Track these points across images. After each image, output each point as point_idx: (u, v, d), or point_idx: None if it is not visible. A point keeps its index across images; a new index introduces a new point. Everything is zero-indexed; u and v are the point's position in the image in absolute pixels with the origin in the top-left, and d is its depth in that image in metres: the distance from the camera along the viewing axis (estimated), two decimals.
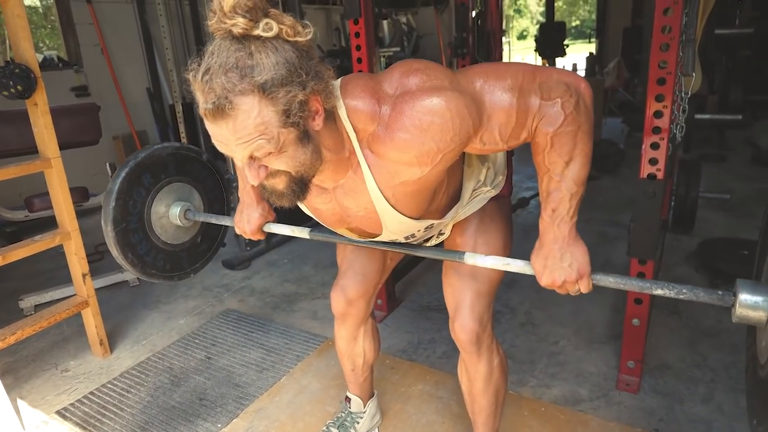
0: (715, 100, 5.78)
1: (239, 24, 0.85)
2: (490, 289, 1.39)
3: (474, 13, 4.12)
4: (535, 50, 8.49)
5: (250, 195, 1.50)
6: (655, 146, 1.75)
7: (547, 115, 1.00)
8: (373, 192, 1.09)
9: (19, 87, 1.99)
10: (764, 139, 5.19)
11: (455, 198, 1.32)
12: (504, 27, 7.64)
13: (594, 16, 11.06)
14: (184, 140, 5.23)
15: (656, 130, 1.74)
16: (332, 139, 1.03)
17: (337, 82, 1.06)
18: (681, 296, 1.03)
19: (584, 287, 1.07)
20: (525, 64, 1.05)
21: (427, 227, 1.28)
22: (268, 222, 1.52)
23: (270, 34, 0.87)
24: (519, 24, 28.48)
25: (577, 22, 27.02)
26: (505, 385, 1.53)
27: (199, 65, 0.90)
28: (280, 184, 1.01)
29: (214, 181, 1.89)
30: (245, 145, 0.92)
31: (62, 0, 4.83)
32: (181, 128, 5.25)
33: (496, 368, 1.45)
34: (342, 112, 1.02)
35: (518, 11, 28.21)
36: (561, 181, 1.04)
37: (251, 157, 0.95)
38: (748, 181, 4.45)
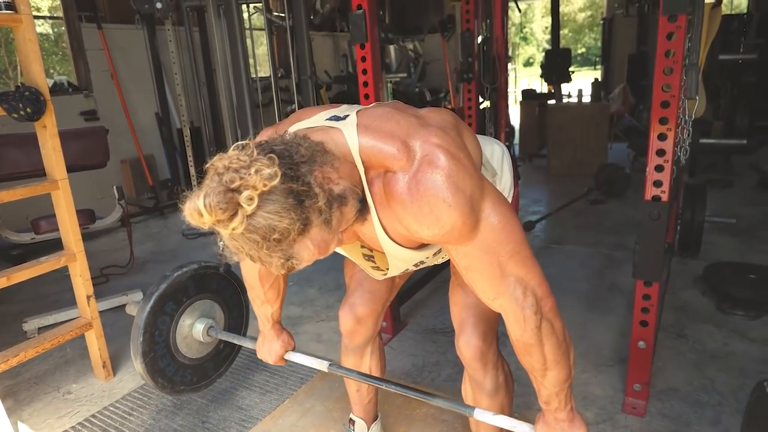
0: (720, 126, 5.79)
1: (234, 226, 0.83)
2: None
3: (480, 39, 4.17)
4: (541, 76, 8.57)
5: (271, 332, 1.63)
6: (659, 168, 1.75)
7: (510, 314, 1.06)
8: (375, 222, 1.09)
9: (28, 109, 2.02)
10: None
11: None
12: (510, 54, 7.72)
13: (599, 44, 11.17)
14: (191, 164, 5.27)
15: (660, 152, 1.74)
16: (345, 169, 1.01)
17: (353, 115, 1.05)
18: None
19: None
20: (528, 250, 1.05)
21: (435, 253, 1.28)
22: (288, 351, 1.65)
23: (254, 204, 0.83)
24: (525, 51, 28.77)
25: (583, 50, 27.29)
26: (510, 404, 1.51)
27: (232, 252, 0.91)
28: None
29: (233, 288, 2.02)
30: (325, 255, 0.97)
31: (73, 26, 4.94)
32: (189, 152, 5.30)
33: (501, 386, 1.44)
34: (353, 148, 1.00)
35: (524, 39, 28.53)
36: (543, 384, 1.12)
37: None
38: (754, 206, 4.43)
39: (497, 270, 1.02)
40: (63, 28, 5.06)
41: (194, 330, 1.86)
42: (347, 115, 1.07)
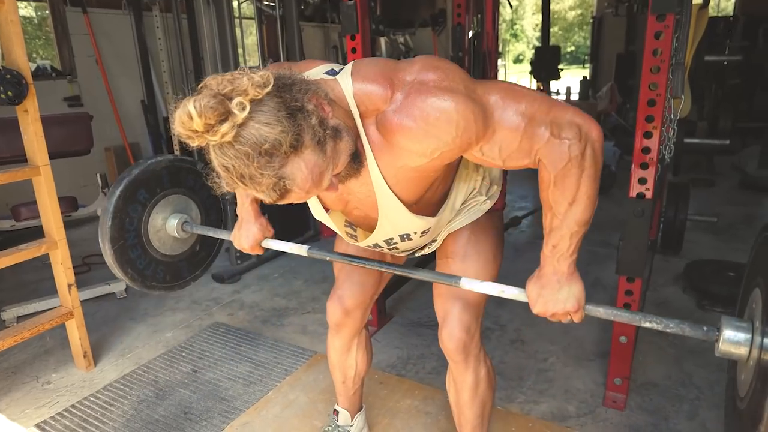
0: (704, 127, 5.86)
1: (224, 131, 0.83)
2: (479, 299, 1.39)
3: (470, 34, 4.17)
4: (531, 73, 8.59)
5: (248, 212, 1.52)
6: (644, 166, 1.77)
7: (552, 153, 1.02)
8: (372, 170, 1.10)
9: (9, 93, 1.98)
10: (751, 164, 5.27)
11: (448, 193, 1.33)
12: (500, 50, 7.73)
13: (588, 43, 11.23)
14: (177, 153, 5.22)
15: (645, 150, 1.76)
16: (341, 112, 1.04)
17: (349, 66, 1.10)
18: (668, 330, 1.06)
19: (576, 318, 1.15)
20: (544, 94, 1.06)
21: (423, 231, 1.28)
22: (266, 238, 1.54)
23: (246, 112, 0.83)
24: (515, 48, 28.85)
25: (572, 48, 27.39)
26: (492, 398, 1.52)
27: (222, 178, 0.92)
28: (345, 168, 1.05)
29: (210, 189, 1.89)
30: (319, 188, 0.96)
31: (58, 9, 4.84)
32: (175, 140, 5.23)
33: (482, 379, 1.45)
34: (348, 93, 1.05)
35: (515, 35, 28.58)
36: (563, 221, 1.08)
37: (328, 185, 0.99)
38: (735, 205, 4.50)
39: (525, 137, 1.02)
40: (47, 11, 4.96)
41: (168, 224, 1.74)
42: (343, 69, 1.11)
